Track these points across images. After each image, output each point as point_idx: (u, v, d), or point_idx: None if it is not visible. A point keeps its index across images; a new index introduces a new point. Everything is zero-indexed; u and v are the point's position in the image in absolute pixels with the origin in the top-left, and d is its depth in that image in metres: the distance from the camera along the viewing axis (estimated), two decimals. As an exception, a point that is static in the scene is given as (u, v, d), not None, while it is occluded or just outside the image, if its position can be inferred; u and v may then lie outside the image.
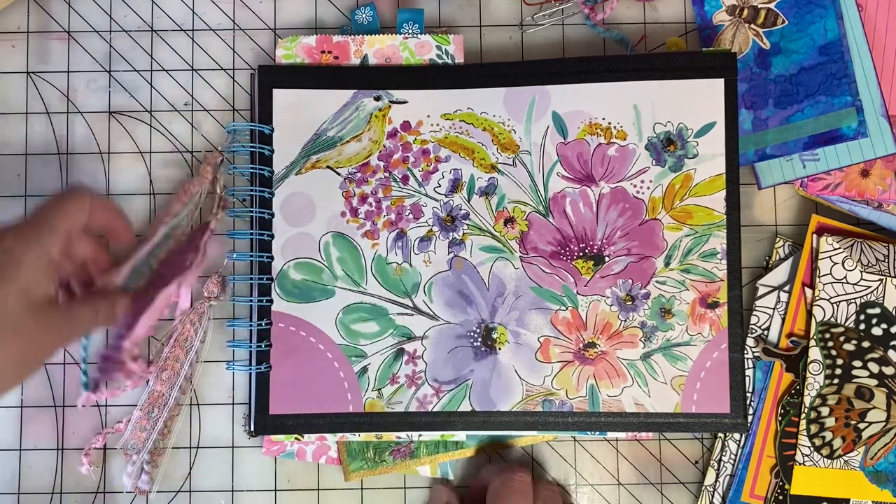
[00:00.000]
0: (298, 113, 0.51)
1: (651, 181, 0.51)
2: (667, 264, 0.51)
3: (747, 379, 0.51)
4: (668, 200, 0.51)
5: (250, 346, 0.50)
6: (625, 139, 0.51)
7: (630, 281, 0.51)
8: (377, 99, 0.51)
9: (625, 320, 0.51)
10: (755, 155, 0.51)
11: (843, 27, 0.50)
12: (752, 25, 0.52)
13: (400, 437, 0.51)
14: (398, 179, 0.51)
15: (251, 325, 0.50)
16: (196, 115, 0.53)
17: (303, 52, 0.52)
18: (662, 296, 0.50)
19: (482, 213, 0.51)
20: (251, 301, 0.50)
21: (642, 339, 0.50)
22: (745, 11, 0.52)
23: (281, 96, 0.51)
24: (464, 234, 0.51)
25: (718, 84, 0.50)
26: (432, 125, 0.51)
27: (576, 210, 0.51)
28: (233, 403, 0.52)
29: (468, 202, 0.51)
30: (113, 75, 0.53)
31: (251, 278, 0.50)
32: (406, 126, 0.51)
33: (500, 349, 0.51)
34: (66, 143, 0.53)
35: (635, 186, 0.51)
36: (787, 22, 0.51)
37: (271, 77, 0.51)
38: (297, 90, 0.51)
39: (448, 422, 0.50)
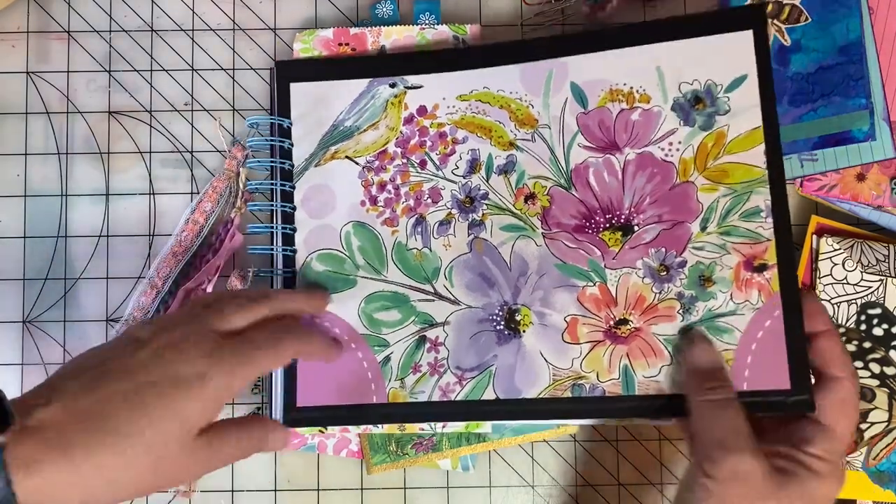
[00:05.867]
0: (315, 105, 0.50)
1: (680, 142, 0.47)
2: (703, 228, 0.46)
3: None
4: (700, 161, 0.47)
5: None
6: (648, 102, 0.47)
7: (663, 250, 0.47)
8: (392, 86, 0.50)
9: (659, 292, 0.47)
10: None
11: (865, 27, 0.49)
12: (776, 21, 0.51)
13: (423, 430, 0.50)
14: (416, 164, 0.50)
15: None
16: (196, 114, 0.53)
17: (320, 46, 0.51)
18: (701, 263, 0.46)
19: (501, 191, 0.49)
20: None
21: (680, 312, 0.46)
22: (770, 6, 0.51)
23: (298, 90, 0.51)
24: (483, 214, 0.49)
25: (747, 36, 0.46)
26: (448, 107, 0.50)
27: (600, 180, 0.48)
28: (233, 404, 0.52)
29: (487, 182, 0.49)
30: (113, 75, 0.53)
31: (272, 272, 0.50)
32: (422, 111, 0.50)
33: (523, 332, 0.48)
34: (66, 143, 0.53)
35: (663, 150, 0.47)
36: (810, 19, 0.50)
37: (288, 72, 0.51)
38: (313, 83, 0.51)
39: (472, 411, 0.48)
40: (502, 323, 0.48)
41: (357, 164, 0.50)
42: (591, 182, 0.48)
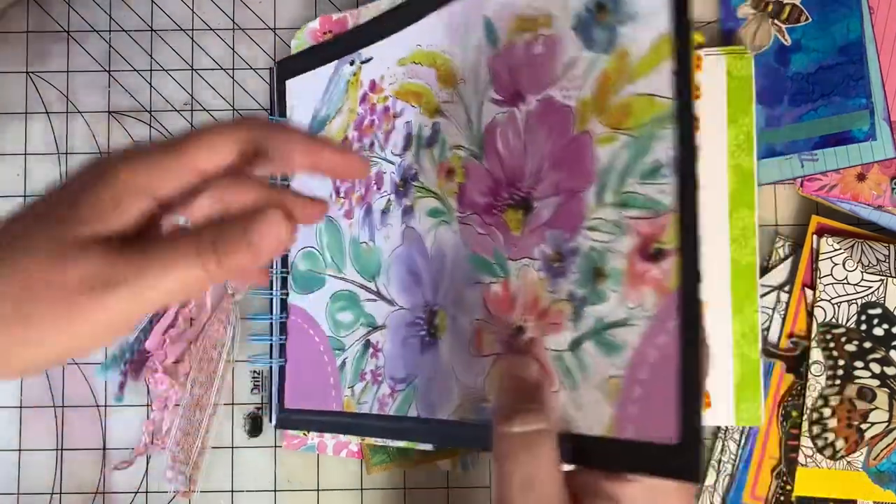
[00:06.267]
0: (301, 98, 0.50)
1: (580, 77, 0.33)
2: (599, 198, 0.32)
3: (748, 379, 0.50)
4: (600, 99, 0.32)
5: (270, 340, 0.50)
6: (550, 26, 0.34)
7: (560, 231, 0.33)
8: (351, 63, 0.46)
9: (553, 291, 0.33)
10: (764, 150, 0.50)
11: (865, 27, 0.49)
12: (776, 21, 0.51)
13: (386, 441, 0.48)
14: (367, 148, 0.44)
15: (271, 318, 0.50)
16: (196, 114, 0.53)
17: (310, 38, 0.50)
18: (594, 248, 0.32)
19: (427, 169, 0.40)
20: (271, 294, 0.50)
21: (571, 319, 0.32)
22: (770, 6, 0.51)
23: (289, 86, 0.50)
24: (414, 198, 0.41)
25: None
26: (391, 77, 0.43)
27: (505, 142, 0.36)
28: (233, 404, 0.52)
29: (417, 159, 0.41)
30: (113, 75, 0.53)
31: (271, 270, 0.50)
32: (373, 86, 0.45)
33: (440, 339, 0.39)
34: (66, 143, 0.53)
35: (563, 90, 0.34)
36: (810, 19, 0.51)
37: (284, 71, 0.51)
38: (299, 76, 0.50)
39: (397, 429, 0.41)
40: (425, 328, 0.40)
41: None
42: (498, 147, 0.36)
